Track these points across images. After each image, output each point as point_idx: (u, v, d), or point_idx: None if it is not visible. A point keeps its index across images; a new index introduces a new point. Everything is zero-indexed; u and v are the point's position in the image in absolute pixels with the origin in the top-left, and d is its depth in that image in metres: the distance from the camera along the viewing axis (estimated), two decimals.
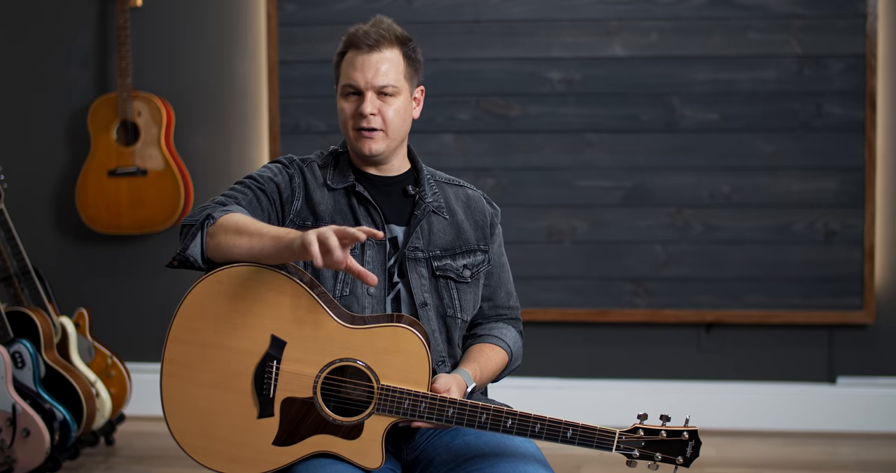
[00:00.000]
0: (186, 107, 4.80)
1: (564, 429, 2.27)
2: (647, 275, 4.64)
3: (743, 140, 4.58)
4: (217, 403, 2.23)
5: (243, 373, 2.24)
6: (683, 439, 2.28)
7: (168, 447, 4.49)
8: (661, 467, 2.31)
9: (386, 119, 2.41)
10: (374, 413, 2.24)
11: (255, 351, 2.24)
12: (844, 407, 4.61)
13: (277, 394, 2.23)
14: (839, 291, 4.57)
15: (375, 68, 2.41)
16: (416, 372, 2.25)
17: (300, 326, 2.24)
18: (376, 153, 2.43)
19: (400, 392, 2.23)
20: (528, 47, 4.63)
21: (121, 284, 4.88)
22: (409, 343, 2.25)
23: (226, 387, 2.24)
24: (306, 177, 2.45)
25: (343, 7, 4.70)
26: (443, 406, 2.24)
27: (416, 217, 2.45)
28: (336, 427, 2.23)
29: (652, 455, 2.28)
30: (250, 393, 2.24)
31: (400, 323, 2.26)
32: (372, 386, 2.24)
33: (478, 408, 2.24)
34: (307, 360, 2.24)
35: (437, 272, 2.44)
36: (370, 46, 2.42)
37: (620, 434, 2.28)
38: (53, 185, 4.89)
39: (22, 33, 4.87)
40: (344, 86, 2.43)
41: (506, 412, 2.25)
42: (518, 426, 2.25)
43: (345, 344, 2.24)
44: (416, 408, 2.24)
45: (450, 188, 2.55)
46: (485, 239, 2.53)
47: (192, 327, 2.25)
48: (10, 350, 4.04)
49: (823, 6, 4.51)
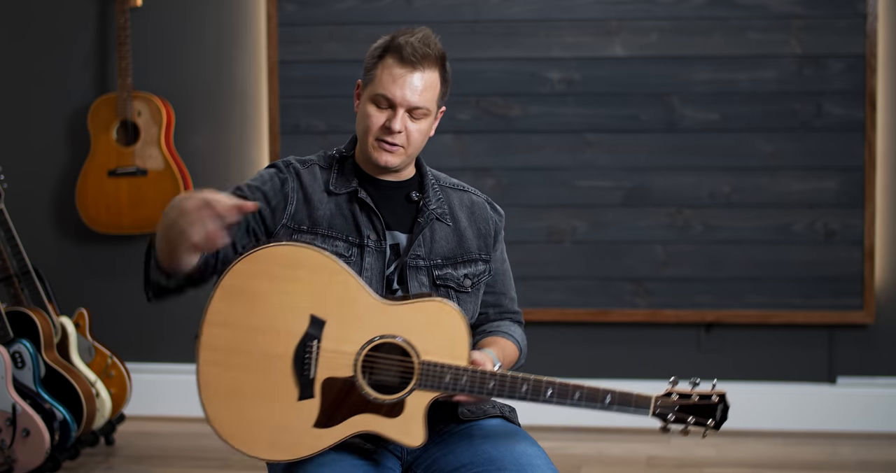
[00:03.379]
0: (186, 107, 4.80)
1: (603, 396, 2.27)
2: (647, 275, 4.64)
3: (743, 140, 4.58)
4: (256, 387, 2.19)
5: (283, 355, 2.21)
6: (713, 402, 2.33)
7: (168, 447, 4.50)
8: (687, 434, 2.33)
9: (410, 138, 2.39)
10: (416, 389, 2.23)
11: (294, 331, 2.21)
12: (844, 407, 4.61)
13: (318, 374, 2.21)
14: (839, 291, 4.57)
15: (415, 87, 2.37)
16: (456, 347, 2.25)
17: (339, 304, 2.22)
18: (391, 166, 2.41)
19: (441, 366, 2.23)
20: (528, 47, 4.63)
21: (121, 284, 4.88)
22: (449, 317, 2.25)
23: (265, 370, 2.20)
24: (303, 181, 2.42)
25: (343, 7, 4.70)
26: (483, 379, 2.24)
27: (419, 224, 2.43)
28: (377, 405, 2.21)
29: (685, 419, 2.31)
30: (291, 375, 2.20)
31: (438, 298, 2.27)
32: (412, 362, 2.23)
33: (518, 379, 2.24)
34: (347, 338, 2.22)
35: (438, 281, 2.42)
36: (414, 63, 2.37)
37: (656, 398, 2.29)
38: (53, 185, 4.89)
39: (22, 33, 4.87)
40: (378, 94, 2.37)
41: (545, 381, 2.25)
42: (558, 395, 2.26)
43: (384, 320, 2.23)
44: (458, 382, 2.23)
45: (454, 193, 2.52)
46: (487, 248, 2.51)
47: (229, 310, 2.21)
48: (10, 350, 4.04)
49: (823, 6, 4.51)
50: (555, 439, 4.48)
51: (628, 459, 4.33)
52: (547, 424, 4.59)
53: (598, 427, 4.65)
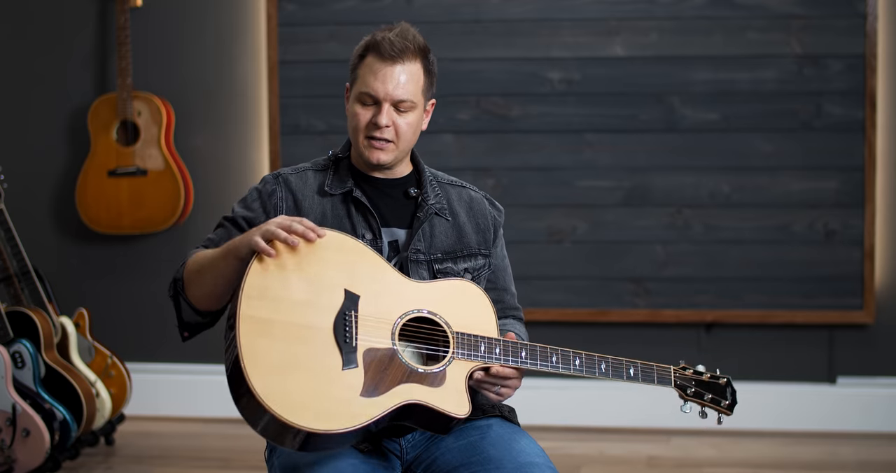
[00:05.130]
0: (186, 107, 4.80)
1: (627, 367, 2.37)
2: (647, 275, 4.64)
3: (743, 140, 4.58)
4: (299, 357, 2.18)
5: (323, 326, 2.22)
6: (722, 383, 2.43)
7: (168, 447, 4.50)
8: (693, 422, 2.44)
9: (399, 132, 2.41)
10: (454, 359, 2.27)
11: (330, 305, 2.23)
12: (844, 407, 4.61)
13: (360, 344, 2.22)
14: (839, 291, 4.57)
15: (396, 81, 2.39)
16: (484, 321, 2.33)
17: (370, 281, 2.27)
18: (383, 163, 2.43)
19: (474, 336, 2.30)
20: (528, 47, 4.63)
21: (121, 284, 4.88)
22: (474, 294, 2.36)
23: (307, 340, 2.20)
24: (292, 187, 2.44)
25: (343, 7, 4.70)
26: (516, 349, 2.31)
27: (418, 219, 2.45)
28: (419, 376, 2.23)
29: (703, 394, 2.41)
30: (333, 344, 2.21)
31: (460, 277, 2.38)
32: (447, 333, 2.28)
33: (547, 349, 2.33)
34: (381, 313, 2.26)
35: (439, 275, 2.44)
36: (393, 57, 2.39)
37: (675, 370, 2.41)
38: (53, 185, 4.89)
39: (22, 33, 4.87)
40: (362, 92, 2.40)
41: (573, 352, 2.34)
42: (586, 365, 2.35)
43: (413, 296, 2.30)
44: (493, 352, 2.30)
45: (452, 189, 2.54)
46: (486, 243, 2.53)
47: (265, 285, 2.21)
48: (10, 350, 4.04)
49: (823, 6, 4.51)
50: (555, 439, 4.48)
51: (628, 459, 4.33)
52: (547, 424, 4.59)
53: (598, 427, 4.65)
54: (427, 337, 2.29)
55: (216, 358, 4.81)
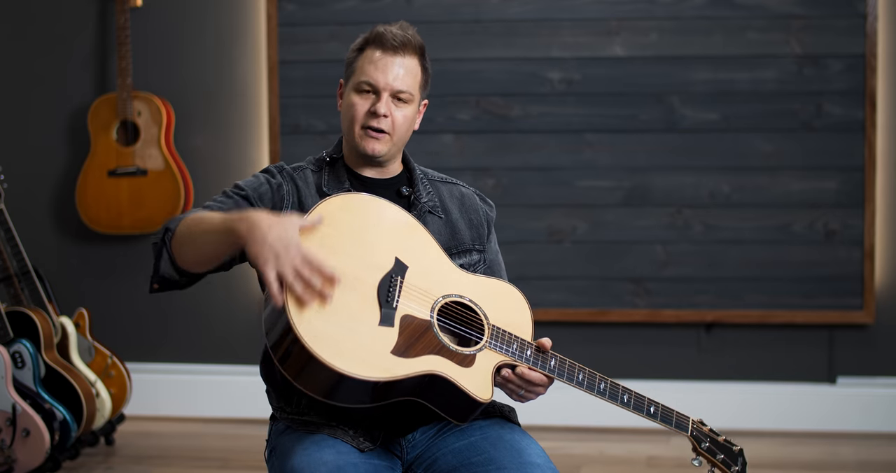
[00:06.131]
0: (186, 107, 4.80)
1: (648, 405, 2.39)
2: (647, 275, 4.64)
3: (743, 140, 4.58)
4: (341, 302, 2.19)
5: (368, 281, 2.24)
6: (736, 451, 2.47)
7: (168, 447, 4.50)
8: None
9: (395, 123, 2.42)
10: (486, 348, 2.29)
11: (380, 265, 2.27)
12: (844, 407, 4.61)
13: (399, 308, 2.25)
14: (839, 291, 4.57)
15: (396, 71, 2.40)
16: (522, 326, 2.38)
17: (420, 256, 2.32)
18: (378, 154, 2.43)
19: (510, 334, 2.33)
20: (528, 47, 4.63)
21: (121, 284, 4.88)
22: (516, 297, 2.42)
23: (351, 288, 2.21)
24: (298, 185, 2.44)
25: (343, 7, 4.70)
26: (545, 357, 2.34)
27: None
28: (450, 352, 2.25)
29: (715, 453, 2.43)
30: (374, 299, 2.23)
31: (507, 282, 2.45)
32: (483, 324, 2.31)
33: (576, 366, 2.36)
34: (426, 287, 2.30)
35: None
36: (395, 48, 2.41)
37: (693, 421, 2.43)
38: (53, 185, 4.89)
39: (22, 33, 4.87)
40: (361, 82, 2.41)
41: (599, 376, 2.37)
42: (610, 391, 2.37)
43: (458, 282, 2.34)
44: (524, 352, 2.33)
45: (443, 186, 2.56)
46: (480, 238, 2.54)
47: (321, 232, 2.24)
48: (10, 350, 4.04)
49: (823, 6, 4.51)
50: (555, 439, 4.48)
51: (628, 459, 4.33)
52: (547, 424, 4.59)
53: (598, 427, 4.65)
54: (465, 321, 2.33)
55: (216, 358, 4.81)
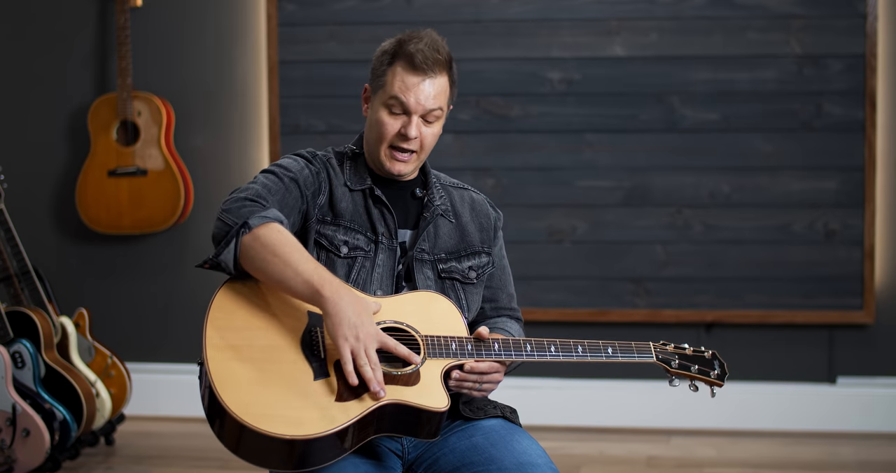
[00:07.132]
0: (186, 107, 4.80)
1: (605, 346, 2.38)
2: (647, 275, 4.64)
3: (743, 140, 4.58)
4: (270, 375, 2.20)
5: (290, 345, 2.25)
6: (707, 357, 2.45)
7: (168, 447, 4.50)
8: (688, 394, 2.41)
9: (424, 143, 2.43)
10: (427, 360, 2.29)
11: (295, 326, 2.27)
12: (844, 407, 4.61)
13: (328, 355, 2.25)
14: (839, 291, 4.57)
15: (427, 93, 2.39)
16: (453, 324, 2.36)
17: None
18: (403, 174, 2.46)
19: (444, 337, 2.32)
20: (528, 47, 4.63)
21: (121, 284, 4.88)
22: (439, 302, 2.38)
23: (276, 360, 2.22)
24: (330, 173, 2.46)
25: (343, 7, 4.70)
26: (487, 344, 2.33)
27: (424, 219, 2.48)
28: (394, 378, 2.24)
29: (689, 367, 2.42)
30: (302, 359, 2.23)
31: (421, 289, 2.40)
32: (416, 338, 2.31)
33: (520, 341, 2.34)
34: None
35: (443, 274, 2.47)
36: (425, 70, 2.39)
37: (654, 345, 2.41)
38: (53, 185, 4.89)
39: (22, 33, 4.87)
40: (391, 98, 2.40)
41: (547, 341, 2.35)
42: (562, 350, 2.35)
43: (380, 309, 2.31)
44: (464, 348, 2.32)
45: (455, 191, 2.58)
46: (488, 241, 2.56)
47: (229, 315, 2.26)
48: (10, 350, 4.04)
49: (823, 6, 4.51)
50: (555, 439, 4.48)
51: (628, 459, 4.33)
52: (547, 424, 4.59)
53: (598, 427, 4.65)
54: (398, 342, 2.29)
55: None
